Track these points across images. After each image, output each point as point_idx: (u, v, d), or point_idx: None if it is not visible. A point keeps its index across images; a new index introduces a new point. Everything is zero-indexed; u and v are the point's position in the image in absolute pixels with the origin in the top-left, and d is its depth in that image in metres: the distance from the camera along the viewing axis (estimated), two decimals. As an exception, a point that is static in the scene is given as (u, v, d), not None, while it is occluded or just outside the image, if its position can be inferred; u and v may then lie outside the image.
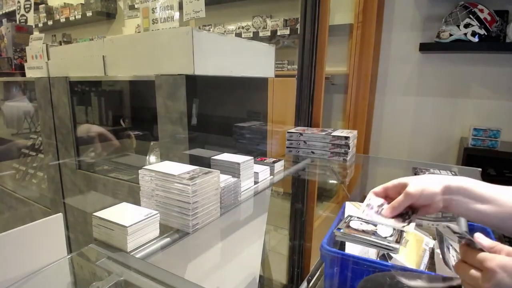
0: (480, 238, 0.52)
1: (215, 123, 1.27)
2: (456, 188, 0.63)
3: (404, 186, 0.67)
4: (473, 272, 0.49)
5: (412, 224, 0.68)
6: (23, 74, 1.68)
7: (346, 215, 1.10)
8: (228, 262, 1.19)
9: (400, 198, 0.66)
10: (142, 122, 1.66)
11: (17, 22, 1.92)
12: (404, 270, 0.84)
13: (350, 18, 2.42)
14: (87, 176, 1.47)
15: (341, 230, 0.95)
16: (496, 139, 1.85)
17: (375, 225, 0.97)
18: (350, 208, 1.23)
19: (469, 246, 0.52)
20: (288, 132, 1.54)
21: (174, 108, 1.06)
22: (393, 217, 0.69)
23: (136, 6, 3.80)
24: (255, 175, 1.10)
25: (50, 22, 4.41)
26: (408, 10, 2.20)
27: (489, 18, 1.81)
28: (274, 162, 1.22)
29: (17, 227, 0.62)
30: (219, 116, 1.30)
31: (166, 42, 1.05)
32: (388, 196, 0.71)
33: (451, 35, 1.88)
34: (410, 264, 0.92)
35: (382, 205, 0.71)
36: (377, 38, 2.23)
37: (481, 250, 0.50)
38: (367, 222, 0.99)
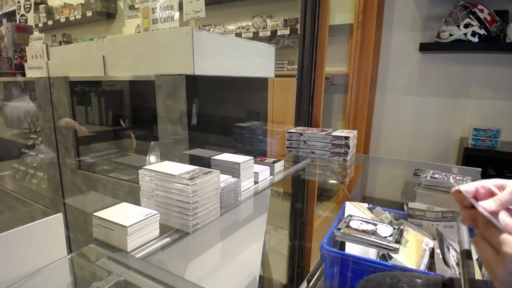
0: (504, 217, 0.48)
1: (215, 123, 1.27)
2: None
3: (502, 187, 0.55)
4: (491, 251, 0.48)
5: None
6: (23, 74, 1.68)
7: (346, 215, 1.11)
8: (228, 262, 1.19)
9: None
10: (142, 122, 1.67)
11: (17, 22, 1.92)
12: (404, 270, 0.84)
13: (350, 18, 2.42)
14: (87, 176, 1.47)
15: (341, 230, 0.96)
16: (496, 139, 1.85)
17: (375, 225, 0.97)
18: (350, 208, 1.23)
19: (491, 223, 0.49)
20: (288, 132, 1.54)
21: (174, 108, 1.06)
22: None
23: (136, 6, 3.80)
24: (255, 175, 1.10)
25: (50, 22, 4.41)
26: (408, 10, 2.20)
27: (489, 18, 1.81)
28: (274, 162, 1.22)
29: (17, 227, 0.62)
30: (219, 116, 1.30)
31: (166, 42, 1.05)
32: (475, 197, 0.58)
33: (451, 35, 1.88)
34: (410, 264, 0.92)
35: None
36: (377, 38, 2.23)
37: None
38: (367, 221, 1.00)
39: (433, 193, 1.11)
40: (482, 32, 1.81)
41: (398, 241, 0.87)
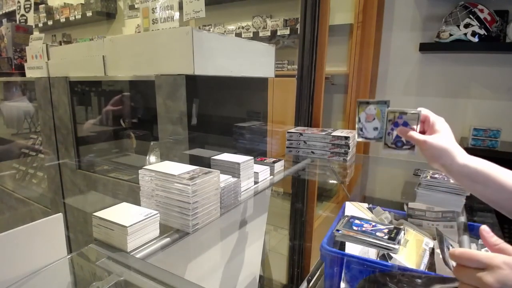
0: (486, 231, 0.53)
1: (215, 123, 1.27)
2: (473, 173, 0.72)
3: (432, 126, 0.80)
4: (475, 272, 0.50)
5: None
6: (23, 74, 1.68)
7: (346, 215, 1.10)
8: (228, 262, 1.19)
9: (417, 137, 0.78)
10: (142, 122, 1.66)
11: (17, 22, 1.92)
12: (404, 270, 0.84)
13: (350, 18, 2.42)
14: (87, 176, 1.47)
15: (340, 232, 0.95)
16: (496, 139, 1.85)
17: (375, 226, 0.97)
18: (350, 208, 1.23)
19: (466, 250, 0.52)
20: (288, 132, 1.54)
21: (174, 108, 1.06)
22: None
23: (136, 6, 3.80)
24: (255, 175, 1.10)
25: (50, 22, 4.41)
26: (408, 10, 2.20)
27: (489, 18, 1.81)
28: (274, 162, 1.22)
29: (17, 227, 0.62)
30: (219, 116, 1.30)
31: (166, 42, 1.05)
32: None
33: (451, 35, 1.88)
34: (410, 264, 0.92)
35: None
36: (377, 38, 2.23)
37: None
38: (367, 221, 0.99)
39: (433, 193, 1.11)
40: (482, 32, 1.81)
41: (397, 241, 0.87)
